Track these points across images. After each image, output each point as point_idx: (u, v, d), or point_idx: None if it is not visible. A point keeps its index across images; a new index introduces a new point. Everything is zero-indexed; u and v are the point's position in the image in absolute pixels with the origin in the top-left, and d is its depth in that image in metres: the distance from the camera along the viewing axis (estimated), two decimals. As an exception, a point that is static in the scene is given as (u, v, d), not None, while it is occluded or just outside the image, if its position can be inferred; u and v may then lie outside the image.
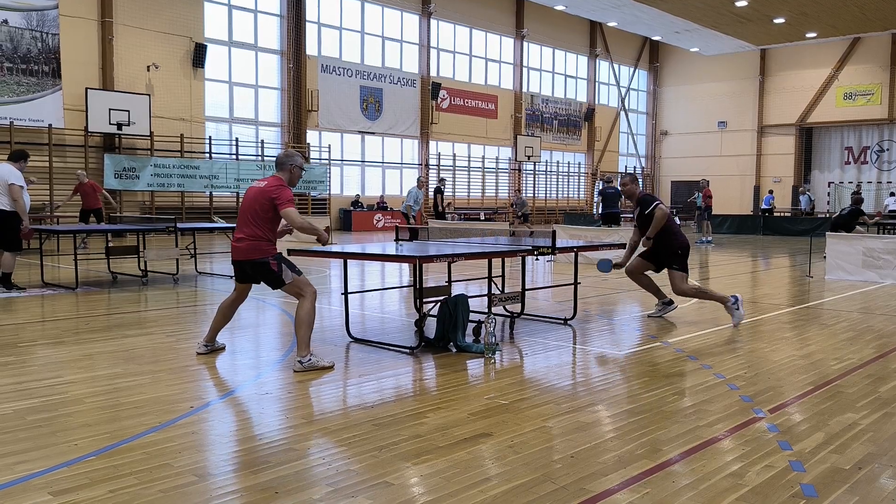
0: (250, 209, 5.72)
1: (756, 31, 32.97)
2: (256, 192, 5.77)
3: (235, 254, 5.83)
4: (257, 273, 5.79)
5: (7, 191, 9.42)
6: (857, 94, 36.77)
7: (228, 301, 6.09)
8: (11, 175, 9.46)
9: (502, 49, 34.30)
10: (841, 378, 5.50)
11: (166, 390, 4.99)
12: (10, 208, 9.46)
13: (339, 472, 3.56)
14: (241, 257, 5.78)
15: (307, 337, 5.64)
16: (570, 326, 7.63)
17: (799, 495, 3.34)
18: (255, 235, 5.70)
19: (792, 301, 9.84)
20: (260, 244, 5.70)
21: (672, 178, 42.85)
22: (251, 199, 5.75)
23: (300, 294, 5.76)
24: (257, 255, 5.70)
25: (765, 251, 18.85)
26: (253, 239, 5.70)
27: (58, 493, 3.25)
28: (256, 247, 5.70)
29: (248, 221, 5.72)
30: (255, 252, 5.70)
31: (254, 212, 5.69)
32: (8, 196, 9.42)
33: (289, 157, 5.93)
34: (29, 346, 6.39)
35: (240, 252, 5.78)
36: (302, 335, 5.62)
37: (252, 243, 5.70)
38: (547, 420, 4.40)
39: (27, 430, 4.11)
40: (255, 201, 5.71)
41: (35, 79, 19.72)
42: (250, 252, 5.72)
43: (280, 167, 5.90)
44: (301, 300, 5.75)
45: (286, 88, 26.03)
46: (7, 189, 9.40)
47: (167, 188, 22.21)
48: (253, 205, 5.71)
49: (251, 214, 5.70)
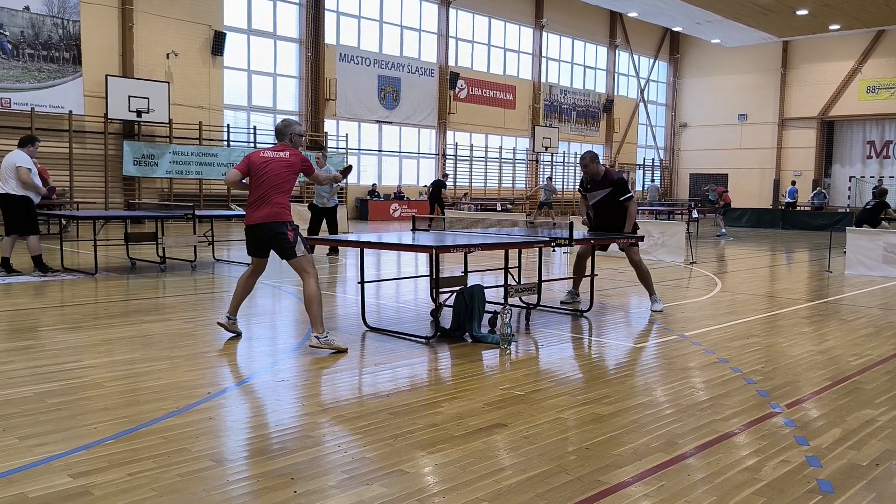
0: (278, 178, 5.87)
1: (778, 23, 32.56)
2: (282, 163, 5.93)
3: (254, 219, 5.93)
4: (272, 240, 5.93)
5: (16, 174, 9.64)
6: (881, 87, 36.27)
7: (247, 274, 6.25)
8: (20, 159, 9.74)
9: (521, 39, 34.12)
10: (859, 374, 5.46)
11: (184, 376, 5.03)
12: (20, 192, 9.68)
13: (355, 459, 3.57)
14: (261, 221, 5.90)
15: (320, 313, 5.81)
16: (585, 318, 7.61)
17: (815, 491, 3.32)
18: (279, 203, 5.88)
19: (811, 296, 9.76)
20: (282, 211, 5.90)
21: (691, 171, 42.53)
22: (275, 173, 5.89)
23: (306, 271, 5.92)
24: (280, 217, 5.88)
25: (784, 245, 18.69)
26: (276, 206, 5.87)
27: (77, 476, 3.30)
28: (279, 213, 5.88)
29: (273, 192, 5.87)
30: (277, 217, 5.87)
31: (282, 180, 5.88)
32: (17, 180, 9.64)
33: (287, 127, 6.15)
34: (49, 331, 6.46)
35: (260, 217, 5.90)
36: (315, 312, 5.79)
37: (275, 209, 5.87)
38: (562, 411, 4.40)
39: (47, 413, 4.16)
40: (281, 175, 5.88)
41: (56, 65, 19.85)
42: (271, 216, 5.87)
43: (280, 136, 6.11)
44: (307, 278, 5.90)
45: (304, 77, 26.05)
46: (15, 172, 9.61)
47: (185, 175, 22.31)
48: (280, 174, 5.88)
49: (278, 183, 5.87)
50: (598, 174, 8.08)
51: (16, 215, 9.77)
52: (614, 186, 8.04)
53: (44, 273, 9.83)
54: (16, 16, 19.07)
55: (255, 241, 6.05)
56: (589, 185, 8.22)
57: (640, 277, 8.13)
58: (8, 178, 9.70)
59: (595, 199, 8.21)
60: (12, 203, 9.77)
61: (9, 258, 9.91)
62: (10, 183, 9.70)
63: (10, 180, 9.70)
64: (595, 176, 8.10)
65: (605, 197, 8.09)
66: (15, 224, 9.81)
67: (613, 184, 8.05)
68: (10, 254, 9.93)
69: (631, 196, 8.04)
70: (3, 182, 9.73)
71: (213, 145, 23.32)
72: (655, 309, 8.02)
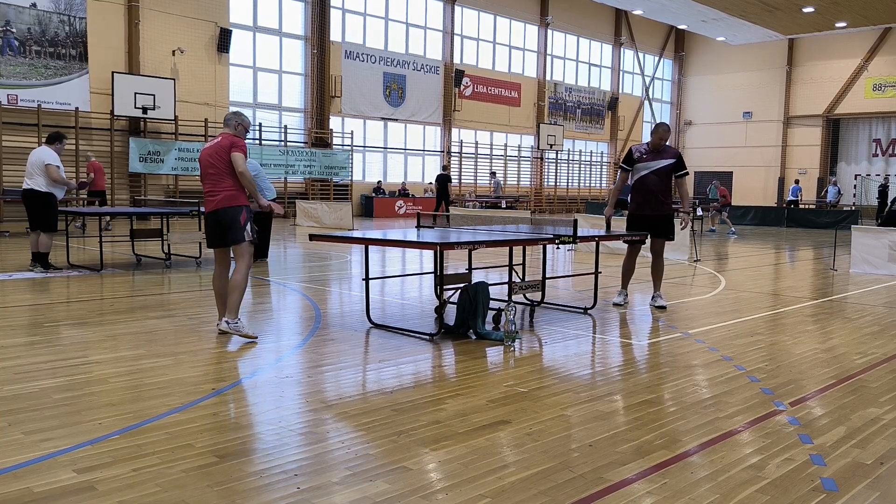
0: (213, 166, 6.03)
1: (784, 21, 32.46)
2: (213, 150, 6.08)
3: (210, 205, 6.08)
4: (229, 222, 6.04)
5: (43, 172, 9.77)
6: (887, 85, 36.13)
7: (216, 274, 6.30)
8: (48, 156, 9.82)
9: (526, 37, 34.09)
10: (864, 372, 5.45)
11: (189, 372, 5.05)
12: (44, 189, 9.76)
13: (358, 456, 3.58)
14: (217, 206, 6.04)
15: (239, 301, 6.06)
16: (590, 316, 7.61)
17: (819, 489, 3.32)
18: (228, 186, 6.03)
19: (815, 294, 9.74)
20: (235, 193, 6.04)
21: (696, 169, 42.37)
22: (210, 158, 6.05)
23: (242, 257, 6.11)
24: (234, 202, 6.03)
25: (788, 243, 18.65)
26: (227, 189, 6.02)
27: (82, 471, 3.31)
28: (232, 195, 6.03)
29: (216, 179, 6.03)
30: (232, 199, 6.03)
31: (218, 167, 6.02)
32: (43, 177, 9.74)
33: (236, 115, 6.33)
34: (55, 326, 6.49)
35: (215, 202, 6.04)
36: (235, 299, 6.02)
37: (228, 193, 6.02)
38: (565, 409, 4.40)
39: (53, 409, 4.18)
40: (216, 158, 6.03)
41: (62, 62, 19.90)
42: (226, 200, 6.02)
43: (227, 124, 6.27)
44: (240, 264, 6.10)
45: (310, 74, 26.07)
46: (43, 170, 9.74)
47: (191, 172, 22.34)
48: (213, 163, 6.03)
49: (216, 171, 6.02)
50: (664, 143, 7.91)
51: (38, 211, 9.84)
52: (677, 158, 7.92)
53: (45, 270, 9.86)
54: (23, 13, 19.12)
55: (213, 229, 6.18)
56: (646, 155, 7.93)
57: (655, 270, 8.18)
58: (34, 174, 9.78)
59: (647, 171, 7.89)
60: (36, 199, 9.84)
61: (46, 253, 9.96)
62: (35, 179, 9.78)
63: (37, 176, 9.79)
64: (659, 147, 7.89)
65: (663, 169, 7.86)
66: (36, 219, 9.88)
67: (677, 156, 7.93)
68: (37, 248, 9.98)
69: (687, 172, 8.05)
70: (28, 178, 9.82)
71: (219, 142, 23.32)
72: (658, 304, 8.05)
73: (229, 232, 6.09)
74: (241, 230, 6.04)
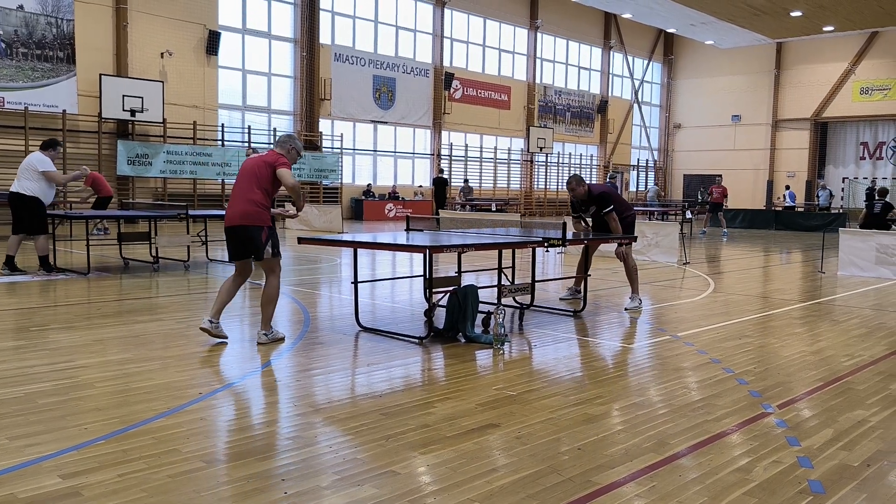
0: (254, 173, 5.93)
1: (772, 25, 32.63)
2: (257, 160, 6.01)
3: (231, 220, 5.96)
4: (247, 239, 5.94)
5: (34, 177, 9.78)
6: (874, 88, 36.40)
7: (228, 281, 6.18)
8: (40, 163, 9.83)
9: (516, 40, 34.14)
10: (851, 375, 5.47)
11: (176, 376, 5.02)
12: (30, 193, 9.73)
13: (346, 460, 3.57)
14: (238, 222, 5.93)
15: (272, 313, 6.07)
16: (579, 318, 7.62)
17: (806, 491, 3.33)
18: (257, 202, 5.90)
19: (803, 297, 9.78)
20: (260, 212, 5.91)
21: (685, 172, 42.62)
22: (251, 167, 5.98)
23: (272, 271, 6.06)
24: (256, 221, 5.91)
25: (777, 246, 18.74)
26: (254, 204, 5.89)
27: (67, 476, 3.28)
28: (256, 213, 5.90)
29: (251, 187, 5.91)
30: (254, 219, 5.90)
31: (254, 178, 5.90)
32: (31, 181, 9.77)
33: (291, 139, 6.23)
34: (41, 331, 6.44)
35: (237, 217, 5.93)
36: (269, 312, 6.03)
37: (251, 209, 5.89)
38: (554, 412, 4.40)
39: (38, 414, 4.15)
40: (256, 168, 5.94)
41: (50, 64, 19.78)
42: (247, 217, 5.89)
43: (280, 145, 6.16)
44: (271, 277, 6.06)
45: (299, 77, 26.02)
46: (35, 175, 9.78)
47: (180, 175, 22.25)
48: (255, 170, 5.93)
49: (251, 181, 5.91)
50: (584, 195, 8.38)
51: (24, 214, 9.80)
52: (595, 202, 8.36)
53: (48, 272, 9.84)
54: (9, 14, 19.00)
55: (234, 242, 6.07)
56: (582, 206, 8.55)
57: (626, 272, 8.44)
58: (22, 178, 9.78)
59: (590, 216, 8.60)
60: (22, 202, 9.80)
61: (13, 257, 9.90)
62: (22, 182, 9.79)
63: (24, 180, 9.78)
64: (582, 197, 8.41)
65: (595, 213, 8.42)
66: (23, 223, 9.83)
67: (593, 200, 8.37)
68: (15, 252, 9.93)
69: (612, 208, 8.26)
70: (17, 180, 9.83)
71: (208, 145, 23.27)
72: (629, 306, 8.18)
73: (249, 248, 5.98)
74: (262, 248, 5.93)
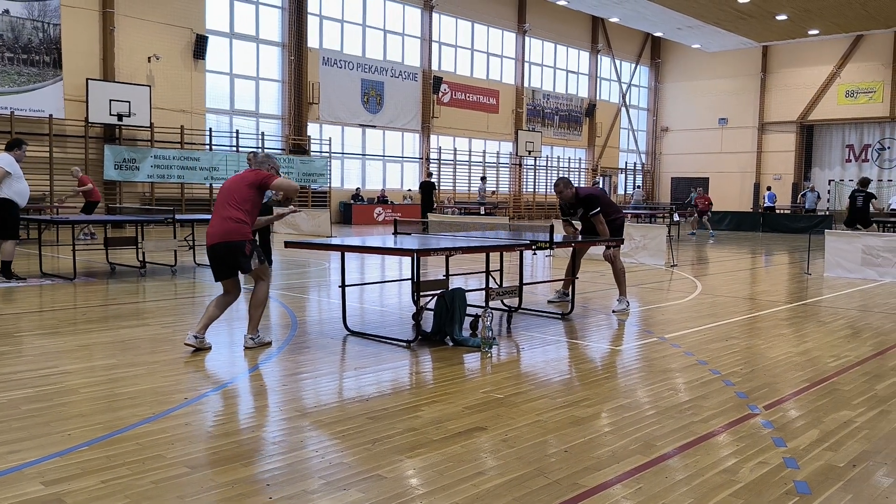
0: (231, 194, 5.92)
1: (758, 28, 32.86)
2: (237, 179, 6.02)
3: (213, 238, 5.91)
4: (230, 256, 5.91)
5: None
6: (859, 91, 36.69)
7: (217, 300, 6.09)
8: (8, 164, 9.51)
9: (504, 44, 34.22)
10: (837, 375, 5.49)
11: (161, 381, 4.98)
12: (4, 196, 9.51)
13: (332, 464, 3.55)
14: (219, 240, 5.89)
15: (260, 317, 6.10)
16: (567, 321, 7.62)
17: (792, 492, 3.33)
18: (236, 218, 5.87)
19: (790, 298, 9.83)
20: (240, 227, 5.88)
21: (672, 175, 42.80)
22: (231, 186, 5.98)
23: (261, 278, 6.08)
24: (236, 237, 5.87)
25: (764, 248, 18.83)
26: (234, 221, 5.86)
27: (50, 483, 3.25)
28: (236, 229, 5.86)
29: (227, 206, 5.89)
30: (235, 234, 5.86)
31: (232, 198, 5.89)
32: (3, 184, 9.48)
33: (269, 158, 6.25)
34: (26, 336, 6.38)
35: (217, 236, 5.89)
36: (257, 315, 6.06)
37: (233, 225, 5.85)
38: (542, 414, 4.39)
39: (21, 420, 4.11)
40: (236, 186, 5.94)
41: (36, 69, 19.68)
42: (229, 234, 5.86)
43: (259, 165, 6.17)
44: (260, 283, 6.08)
45: (287, 81, 25.98)
46: None
47: (167, 179, 22.18)
48: (233, 190, 5.93)
49: (232, 199, 5.89)
50: (572, 197, 8.43)
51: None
52: (581, 204, 8.41)
53: (7, 280, 9.62)
54: (-6, 19, 18.89)
55: (217, 262, 5.98)
56: (570, 209, 8.59)
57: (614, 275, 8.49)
58: None
59: (578, 219, 8.67)
60: None
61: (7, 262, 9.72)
62: None
63: None
64: (570, 199, 8.45)
65: (582, 216, 8.48)
66: None
67: (581, 202, 8.42)
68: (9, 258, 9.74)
69: (598, 211, 8.30)
70: None
71: (195, 149, 23.20)
72: (616, 309, 8.21)
73: (233, 264, 5.93)
74: (247, 260, 5.90)
